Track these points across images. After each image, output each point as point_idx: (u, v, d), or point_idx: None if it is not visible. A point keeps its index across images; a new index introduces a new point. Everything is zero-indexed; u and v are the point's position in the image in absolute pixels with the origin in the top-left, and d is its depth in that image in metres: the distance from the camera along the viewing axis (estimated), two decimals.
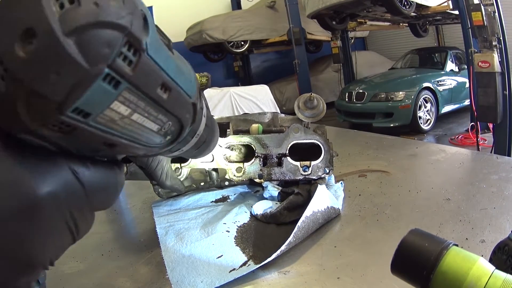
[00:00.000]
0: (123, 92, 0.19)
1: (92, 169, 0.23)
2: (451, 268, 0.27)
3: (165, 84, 0.21)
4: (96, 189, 0.23)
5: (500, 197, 0.65)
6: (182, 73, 0.24)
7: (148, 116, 0.22)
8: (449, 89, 5.39)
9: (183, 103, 0.25)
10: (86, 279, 0.54)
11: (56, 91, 0.16)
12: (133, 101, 0.20)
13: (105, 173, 0.24)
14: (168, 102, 0.22)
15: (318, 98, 0.72)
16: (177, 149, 0.31)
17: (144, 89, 0.20)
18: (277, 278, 0.50)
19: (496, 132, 3.63)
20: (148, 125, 0.22)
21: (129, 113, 0.20)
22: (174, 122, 0.25)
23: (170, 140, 0.26)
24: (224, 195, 0.78)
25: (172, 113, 0.24)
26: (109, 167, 0.25)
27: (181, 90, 0.24)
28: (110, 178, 0.25)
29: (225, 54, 7.11)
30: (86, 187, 0.22)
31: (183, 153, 0.34)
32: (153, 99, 0.21)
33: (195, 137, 0.31)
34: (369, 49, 9.11)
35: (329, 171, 0.70)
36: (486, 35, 3.28)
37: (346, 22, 6.01)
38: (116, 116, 0.19)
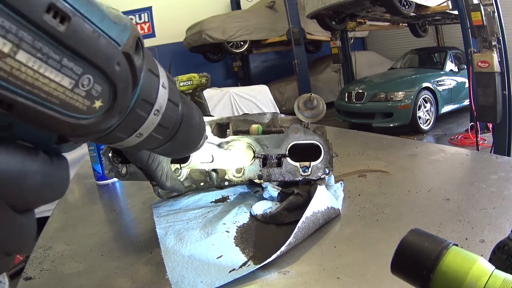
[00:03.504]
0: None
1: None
2: (451, 268, 0.27)
3: (57, 8, 0.17)
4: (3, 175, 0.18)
5: (499, 197, 0.65)
6: (93, 5, 0.19)
7: (45, 59, 0.17)
8: (449, 89, 5.39)
9: (102, 46, 0.19)
10: (86, 279, 0.54)
11: None
12: (10, 30, 0.15)
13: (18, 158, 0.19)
14: (69, 37, 0.17)
15: (318, 98, 0.72)
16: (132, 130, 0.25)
17: (22, 10, 0.15)
18: (277, 278, 0.50)
19: (496, 132, 3.64)
20: (52, 76, 0.17)
21: (11, 48, 0.16)
22: (97, 77, 0.19)
23: (104, 107, 0.21)
24: (224, 196, 0.78)
25: (84, 57, 0.18)
26: (29, 153, 0.20)
27: (92, 26, 0.19)
28: (27, 165, 0.19)
29: (225, 54, 7.11)
30: None
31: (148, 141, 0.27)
32: (42, 28, 0.16)
33: (153, 114, 0.25)
34: (368, 49, 9.12)
35: (329, 172, 0.70)
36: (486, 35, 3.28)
37: (345, 22, 6.01)
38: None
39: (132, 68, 0.22)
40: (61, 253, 0.64)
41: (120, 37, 0.21)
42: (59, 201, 0.94)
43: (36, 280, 0.55)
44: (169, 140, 0.30)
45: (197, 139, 0.35)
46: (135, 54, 0.22)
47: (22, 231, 0.20)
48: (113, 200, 0.93)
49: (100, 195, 0.96)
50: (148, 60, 0.25)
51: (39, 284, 0.54)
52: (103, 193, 0.97)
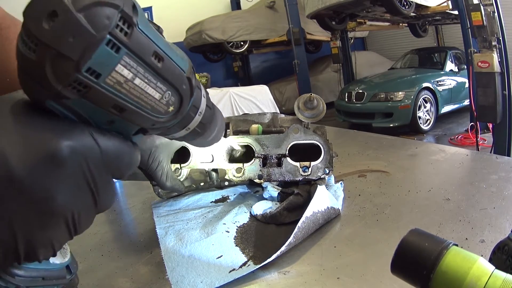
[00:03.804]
0: (124, 57, 0.24)
1: (107, 136, 0.27)
2: (451, 268, 0.27)
3: (157, 53, 0.27)
4: (112, 153, 0.27)
5: (499, 197, 0.65)
6: (172, 49, 0.29)
7: (149, 82, 0.27)
8: (449, 89, 5.39)
9: (177, 74, 0.29)
10: (86, 279, 0.54)
11: (73, 51, 0.22)
12: (133, 66, 0.25)
13: (119, 143, 0.28)
14: (163, 70, 0.27)
15: (318, 98, 0.72)
16: (184, 126, 0.35)
17: (140, 55, 0.25)
18: (277, 278, 0.50)
19: (496, 132, 3.64)
20: (150, 92, 0.27)
21: (132, 77, 0.25)
22: (173, 92, 0.29)
23: (174, 111, 0.31)
24: (224, 196, 0.78)
25: (168, 81, 0.28)
26: (123, 140, 0.29)
27: (173, 62, 0.29)
28: (124, 148, 0.29)
29: (225, 55, 7.11)
30: (102, 148, 0.26)
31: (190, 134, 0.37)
32: (149, 65, 0.26)
33: (198, 115, 0.35)
34: (368, 49, 9.12)
35: (329, 172, 0.70)
36: (486, 35, 3.28)
37: (345, 22, 6.01)
38: (121, 79, 0.25)
39: (191, 86, 0.32)
40: None
41: (185, 67, 0.30)
42: None
43: None
44: (203, 133, 0.39)
45: (220, 133, 0.45)
46: (192, 77, 0.32)
47: (112, 193, 0.30)
48: None
49: None
50: (196, 79, 0.34)
51: None
52: None
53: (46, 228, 0.25)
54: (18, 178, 0.23)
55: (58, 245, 0.27)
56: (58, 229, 0.26)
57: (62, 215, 0.25)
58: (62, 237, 0.27)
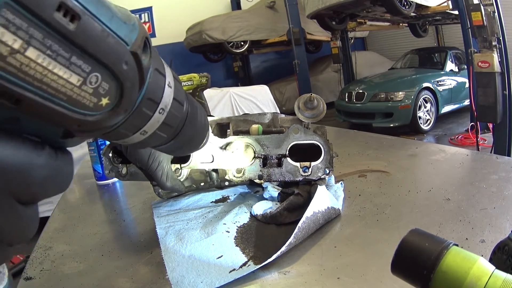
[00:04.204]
0: (3, 11, 0.15)
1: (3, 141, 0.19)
2: (451, 268, 0.27)
3: (67, 7, 0.17)
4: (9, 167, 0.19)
5: (500, 197, 0.65)
6: (103, 4, 0.20)
7: (55, 56, 0.17)
8: (449, 89, 5.39)
9: (111, 45, 0.20)
10: (86, 279, 0.54)
11: None
12: (21, 27, 0.16)
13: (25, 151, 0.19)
14: (79, 35, 0.18)
15: (318, 98, 0.72)
16: (136, 128, 0.25)
17: (32, 8, 0.16)
18: (277, 278, 0.50)
19: (496, 132, 3.63)
20: (61, 73, 0.18)
21: (21, 45, 0.16)
22: (104, 75, 0.20)
23: (110, 105, 0.21)
24: (224, 196, 0.78)
25: (93, 55, 0.19)
26: (35, 147, 0.20)
27: (101, 25, 0.19)
28: (33, 159, 0.20)
29: (225, 55, 7.11)
30: None
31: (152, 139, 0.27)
32: (52, 26, 0.17)
33: (158, 113, 0.26)
34: (368, 49, 9.12)
35: (329, 172, 0.70)
36: (486, 35, 3.28)
37: (345, 22, 6.01)
38: (3, 49, 0.16)
39: (139, 67, 0.22)
40: (61, 253, 0.64)
41: (129, 36, 0.21)
42: (59, 201, 0.94)
43: (36, 280, 0.55)
44: (173, 138, 0.30)
45: (200, 138, 0.35)
46: (143, 54, 0.22)
47: (25, 222, 0.21)
48: (113, 200, 0.93)
49: (100, 195, 0.96)
50: (155, 60, 0.25)
51: (39, 284, 0.54)
52: (103, 193, 0.97)
53: None
54: None
55: None
56: None
57: None
58: None
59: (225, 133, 0.75)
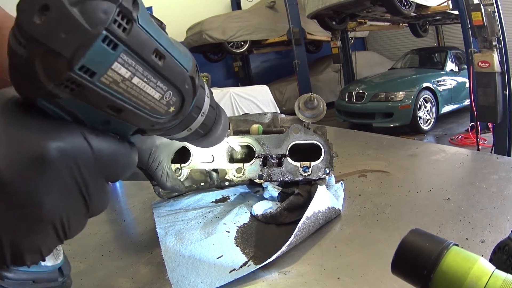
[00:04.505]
0: (122, 55, 0.22)
1: (101, 137, 0.26)
2: (451, 268, 0.27)
3: (158, 51, 0.25)
4: (105, 155, 0.26)
5: (500, 197, 0.65)
6: (174, 46, 0.27)
7: (148, 82, 0.25)
8: (449, 89, 5.39)
9: (180, 73, 0.28)
10: (86, 279, 0.54)
11: (66, 48, 0.21)
12: (131, 64, 0.23)
13: (115, 144, 0.27)
14: (164, 69, 0.26)
15: (319, 98, 0.72)
16: (186, 127, 0.34)
17: (139, 53, 0.23)
18: (277, 278, 0.50)
19: (496, 132, 3.63)
20: (150, 92, 0.26)
21: (129, 75, 0.23)
22: (174, 92, 0.28)
23: (175, 112, 0.29)
24: (224, 196, 0.78)
25: (170, 81, 0.27)
26: (120, 141, 0.28)
27: (175, 61, 0.27)
28: (120, 149, 0.27)
29: (225, 55, 7.11)
30: (94, 150, 0.25)
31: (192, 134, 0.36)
32: (149, 64, 0.24)
33: (200, 115, 0.34)
34: (369, 49, 9.12)
35: (329, 172, 0.70)
36: (486, 35, 3.28)
37: (346, 22, 6.01)
38: (118, 78, 0.23)
39: (194, 86, 0.30)
40: None
41: (188, 65, 0.29)
42: None
43: None
44: (206, 133, 0.38)
45: (223, 134, 0.44)
46: (195, 76, 0.30)
47: (106, 197, 0.29)
48: (113, 200, 0.93)
49: None
50: (200, 78, 0.33)
51: None
52: None
53: (33, 233, 0.24)
54: (3, 181, 0.21)
55: (47, 251, 0.26)
56: (46, 235, 0.24)
57: (50, 221, 0.24)
58: (51, 243, 0.25)
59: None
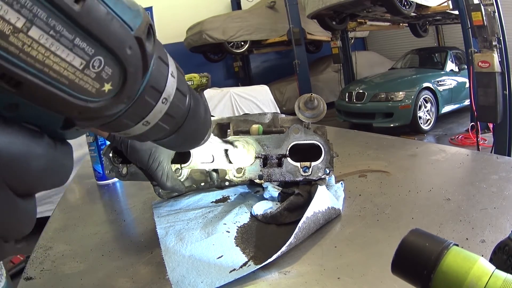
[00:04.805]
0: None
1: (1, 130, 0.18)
2: (451, 268, 0.27)
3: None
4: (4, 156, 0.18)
5: (500, 197, 0.65)
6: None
7: (58, 37, 0.17)
8: (449, 89, 5.38)
9: (115, 29, 0.19)
10: (86, 279, 0.54)
11: None
12: (25, 5, 0.16)
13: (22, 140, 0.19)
14: (83, 16, 0.17)
15: (319, 98, 0.72)
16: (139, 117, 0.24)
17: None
18: (278, 278, 0.50)
19: (496, 132, 3.63)
20: (64, 55, 0.17)
21: (24, 24, 0.16)
22: (108, 59, 0.19)
23: (113, 91, 0.20)
24: (224, 196, 0.78)
25: (97, 38, 0.18)
26: (34, 136, 0.20)
27: (107, 8, 0.19)
28: (31, 148, 0.19)
29: (225, 55, 7.11)
30: None
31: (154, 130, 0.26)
32: (57, 5, 0.16)
33: (161, 102, 0.25)
34: (369, 49, 9.11)
35: (329, 172, 0.70)
36: (486, 35, 3.28)
37: (346, 22, 6.01)
38: (6, 28, 0.15)
39: (143, 53, 0.21)
40: (62, 253, 0.64)
41: (133, 21, 0.20)
42: (60, 201, 0.94)
43: (36, 280, 0.55)
44: (175, 131, 0.29)
45: (202, 133, 0.34)
46: (147, 40, 0.22)
47: (22, 215, 0.20)
48: (113, 200, 0.93)
49: (100, 195, 0.96)
50: (158, 48, 0.25)
51: (40, 284, 0.54)
52: (103, 193, 0.97)
53: None
54: None
55: None
56: None
57: None
58: None
59: (226, 133, 0.75)
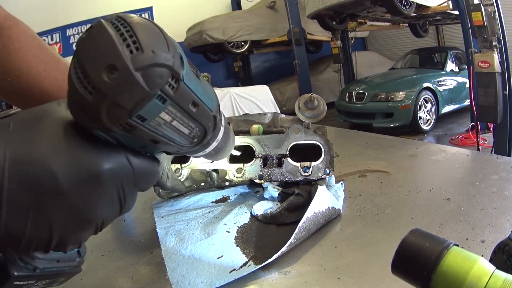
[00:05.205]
0: (168, 107, 0.28)
1: (140, 159, 0.32)
2: (451, 268, 0.27)
3: (194, 101, 0.30)
4: (141, 173, 0.32)
5: (500, 197, 0.65)
6: (206, 93, 0.33)
7: (183, 123, 0.31)
8: (449, 89, 5.39)
9: (207, 115, 0.33)
10: (86, 279, 0.54)
11: (128, 103, 0.26)
12: (173, 112, 0.29)
13: (148, 163, 0.33)
14: (196, 114, 0.31)
15: (319, 98, 0.72)
16: (201, 150, 0.40)
17: (181, 105, 0.29)
18: (278, 278, 0.50)
19: (496, 132, 3.63)
20: (182, 130, 0.31)
21: (170, 120, 0.29)
22: (200, 129, 0.33)
23: (197, 142, 0.35)
24: (224, 196, 0.78)
25: (199, 121, 0.32)
26: (151, 160, 0.33)
27: (205, 106, 0.32)
28: (151, 167, 0.33)
29: (225, 55, 7.11)
30: (135, 170, 0.31)
31: (205, 154, 0.43)
32: (187, 111, 0.30)
33: (215, 142, 0.41)
34: (369, 49, 9.12)
35: (329, 172, 0.70)
36: (486, 35, 3.28)
37: (346, 22, 6.01)
38: (162, 122, 0.28)
39: (215, 123, 0.36)
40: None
41: (213, 106, 0.34)
42: None
43: None
44: (216, 153, 0.45)
45: (229, 151, 0.51)
46: (217, 115, 0.36)
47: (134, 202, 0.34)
48: None
49: None
50: (220, 114, 0.39)
51: None
52: None
53: (79, 231, 0.30)
54: (63, 191, 0.27)
55: (84, 242, 0.33)
56: (88, 232, 0.31)
57: (94, 222, 0.30)
58: (88, 236, 0.32)
59: None
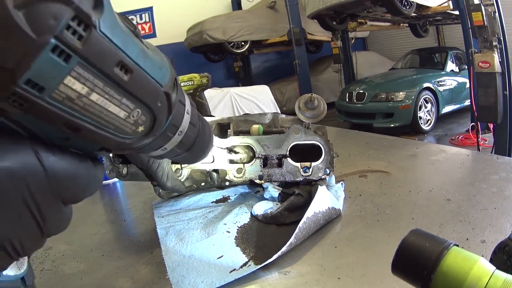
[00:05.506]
0: (76, 67, 0.19)
1: (58, 156, 0.23)
2: (451, 268, 0.27)
3: (123, 63, 0.22)
4: (61, 176, 0.23)
5: (500, 197, 0.65)
6: (148, 57, 0.24)
7: (110, 99, 0.22)
8: (450, 89, 5.38)
9: (151, 89, 0.25)
10: (86, 279, 0.54)
11: (7, 58, 0.18)
12: (88, 79, 0.20)
13: (74, 163, 0.24)
14: (130, 84, 0.23)
15: (319, 98, 0.72)
16: (159, 146, 0.31)
17: (98, 65, 0.20)
18: (278, 278, 0.50)
19: (497, 132, 3.63)
20: (113, 110, 0.23)
21: (87, 91, 0.21)
22: (143, 111, 0.25)
23: (144, 132, 0.26)
24: (224, 196, 0.78)
25: (138, 98, 0.24)
26: (81, 159, 0.25)
27: (146, 74, 0.24)
28: (79, 169, 0.25)
29: (226, 55, 7.11)
30: (48, 171, 0.22)
31: (169, 153, 0.33)
32: (111, 78, 0.21)
33: (177, 134, 0.31)
34: (369, 49, 9.11)
35: (330, 172, 0.70)
36: (487, 35, 3.28)
37: (346, 23, 6.01)
38: (73, 94, 0.20)
39: (169, 103, 0.27)
40: (62, 253, 0.64)
41: (163, 79, 0.26)
42: None
43: (36, 280, 0.55)
44: (185, 151, 0.36)
45: (207, 149, 0.42)
46: (172, 92, 0.28)
47: (64, 218, 0.26)
48: (113, 200, 0.93)
49: (100, 195, 0.96)
50: (179, 93, 0.30)
51: (40, 284, 0.54)
52: (103, 193, 0.97)
53: None
54: None
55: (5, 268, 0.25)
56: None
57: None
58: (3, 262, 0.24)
59: (226, 133, 0.75)
